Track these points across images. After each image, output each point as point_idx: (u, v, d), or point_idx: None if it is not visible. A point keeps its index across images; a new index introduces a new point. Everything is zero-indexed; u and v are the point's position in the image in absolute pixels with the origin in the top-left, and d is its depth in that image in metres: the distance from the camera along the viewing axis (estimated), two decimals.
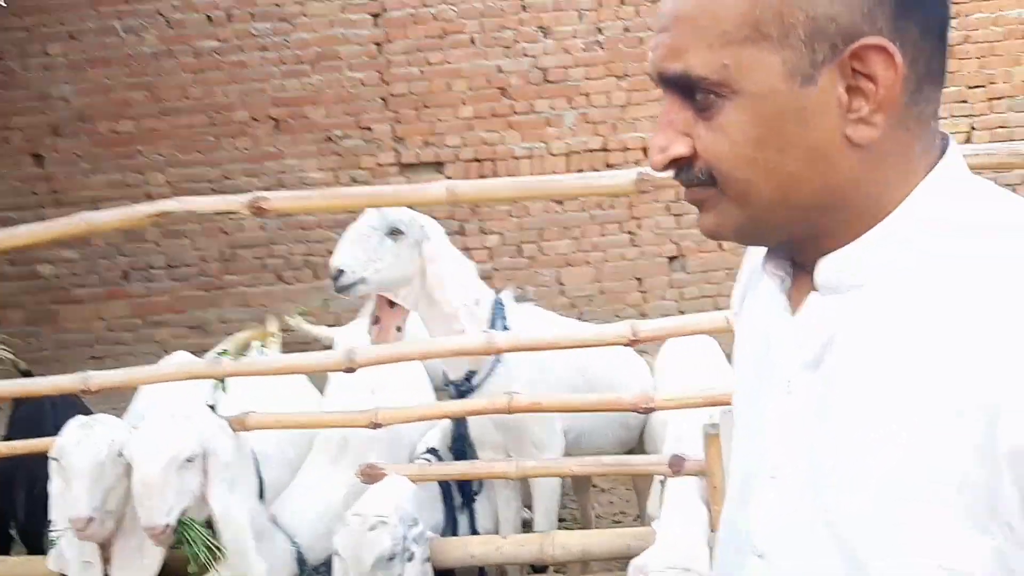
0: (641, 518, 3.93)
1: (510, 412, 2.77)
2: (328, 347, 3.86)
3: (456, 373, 2.81)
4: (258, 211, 2.69)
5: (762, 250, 0.98)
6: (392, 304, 2.88)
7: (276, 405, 2.89)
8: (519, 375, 2.84)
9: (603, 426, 3.17)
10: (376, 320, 2.94)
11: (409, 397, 3.19)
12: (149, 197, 6.61)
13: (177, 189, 6.67)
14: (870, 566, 0.76)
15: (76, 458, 2.44)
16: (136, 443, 2.46)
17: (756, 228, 0.85)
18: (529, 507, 3.24)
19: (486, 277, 3.42)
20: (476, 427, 2.89)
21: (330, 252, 6.72)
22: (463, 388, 2.81)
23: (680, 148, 0.82)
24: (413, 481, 2.84)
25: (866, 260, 0.81)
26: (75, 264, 6.77)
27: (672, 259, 6.65)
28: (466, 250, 6.64)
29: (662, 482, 2.85)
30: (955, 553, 0.73)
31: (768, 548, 0.86)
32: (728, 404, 2.66)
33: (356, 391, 3.15)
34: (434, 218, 6.57)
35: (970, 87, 6.25)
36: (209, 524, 2.56)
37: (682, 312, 6.44)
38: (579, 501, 3.58)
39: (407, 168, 6.74)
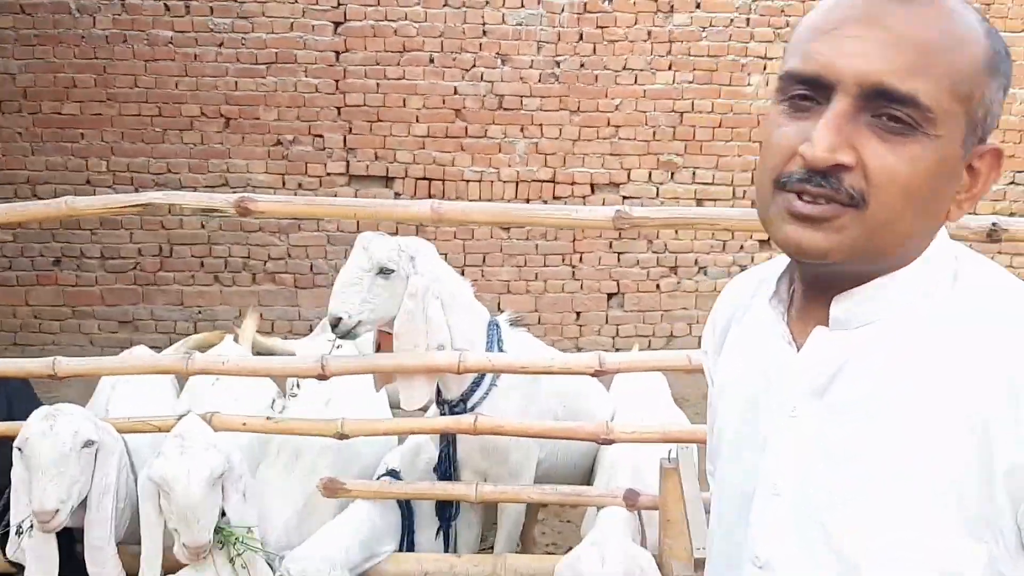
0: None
1: (476, 432, 2.83)
2: None
3: (451, 392, 2.83)
4: (244, 212, 2.70)
5: (739, 292, 1.12)
6: None
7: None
8: (512, 400, 2.88)
9: (575, 458, 3.22)
10: (378, 345, 2.91)
11: (364, 411, 3.21)
12: (89, 184, 6.50)
13: (118, 178, 6.57)
14: (868, 571, 0.86)
15: (41, 449, 2.41)
16: (170, 469, 2.45)
17: (865, 258, 0.88)
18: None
19: None
20: (464, 449, 2.92)
21: (271, 256, 6.80)
22: (457, 408, 2.83)
23: (847, 157, 0.83)
24: (374, 499, 2.88)
25: (878, 301, 0.91)
26: (5, 246, 6.58)
27: (611, 296, 6.79)
28: None
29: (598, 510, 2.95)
30: (953, 559, 0.83)
31: (769, 559, 0.94)
32: (683, 441, 2.80)
33: (312, 401, 3.17)
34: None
35: None
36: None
37: (617, 349, 6.59)
38: (524, 527, 3.64)
39: (355, 180, 6.74)
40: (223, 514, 2.61)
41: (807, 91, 0.87)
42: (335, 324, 2.63)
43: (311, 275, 6.81)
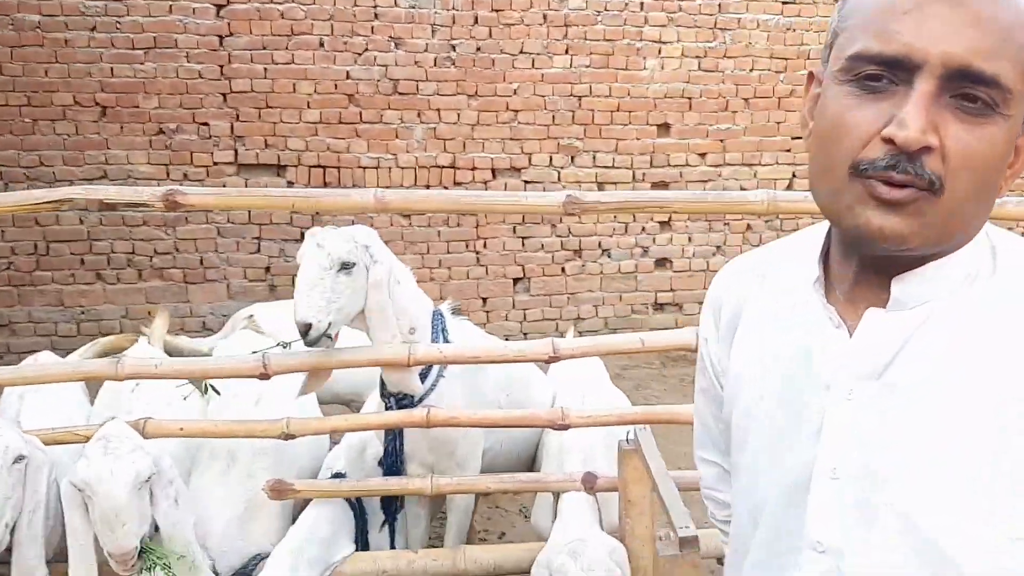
0: (506, 535, 4.01)
1: (428, 426, 2.74)
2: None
3: (398, 385, 2.73)
4: (172, 205, 2.53)
5: (745, 277, 1.11)
6: None
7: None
8: (456, 392, 2.80)
9: (518, 446, 3.18)
10: None
11: (296, 409, 3.08)
12: None
13: None
14: (945, 545, 0.86)
15: None
16: (94, 470, 2.28)
17: (937, 243, 0.88)
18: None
19: None
20: (411, 442, 2.81)
21: (157, 251, 6.46)
22: (404, 401, 2.73)
23: (934, 139, 0.82)
24: (321, 506, 2.76)
25: (937, 281, 0.91)
26: None
27: (516, 280, 6.77)
28: None
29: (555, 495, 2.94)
30: None
31: (833, 543, 0.93)
32: (640, 423, 2.80)
33: (242, 403, 3.02)
34: (275, 223, 6.35)
35: (793, 138, 6.84)
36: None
37: (525, 334, 6.59)
38: None
39: (245, 168, 6.48)
40: (157, 529, 2.46)
41: (882, 71, 0.85)
42: (305, 332, 2.46)
43: (202, 269, 6.52)
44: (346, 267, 2.53)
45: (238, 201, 2.72)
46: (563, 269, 6.76)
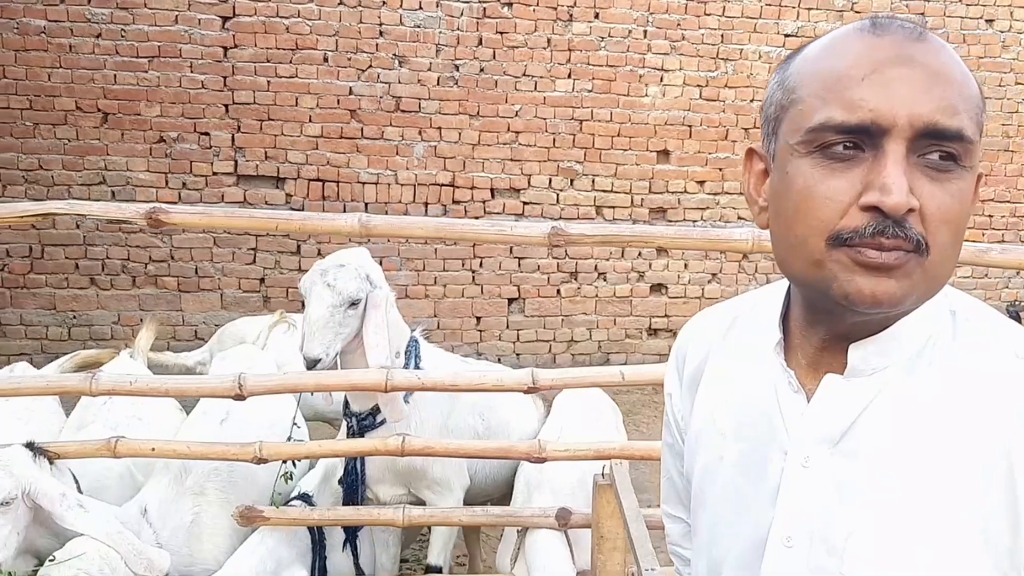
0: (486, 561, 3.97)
1: (403, 454, 2.72)
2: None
3: (361, 405, 2.72)
4: (155, 223, 2.51)
5: (709, 332, 1.09)
6: None
7: None
8: (428, 416, 2.79)
9: (502, 469, 3.17)
10: None
11: (264, 429, 3.02)
12: None
13: None
14: None
15: None
16: None
17: (925, 299, 0.87)
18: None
19: None
20: (374, 466, 2.81)
21: (152, 259, 6.44)
22: (365, 422, 2.72)
23: (915, 200, 0.81)
24: (293, 526, 2.73)
25: (893, 346, 0.89)
26: None
27: (511, 301, 6.76)
28: (302, 272, 6.52)
29: (519, 532, 2.90)
30: None
31: None
32: (617, 458, 2.77)
33: (208, 421, 2.98)
34: (271, 235, 6.32)
35: None
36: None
37: (518, 354, 6.57)
38: (468, 547, 3.56)
39: (244, 180, 6.50)
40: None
41: (848, 140, 0.83)
42: (312, 366, 2.52)
43: (196, 278, 6.52)
44: (355, 304, 2.58)
45: (222, 222, 2.70)
46: (558, 291, 6.75)
